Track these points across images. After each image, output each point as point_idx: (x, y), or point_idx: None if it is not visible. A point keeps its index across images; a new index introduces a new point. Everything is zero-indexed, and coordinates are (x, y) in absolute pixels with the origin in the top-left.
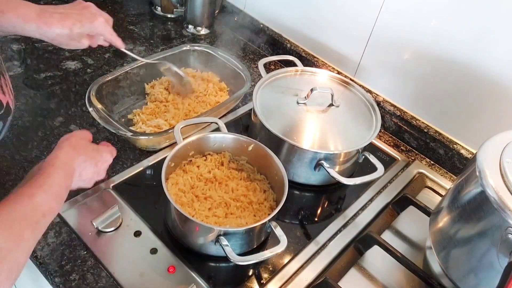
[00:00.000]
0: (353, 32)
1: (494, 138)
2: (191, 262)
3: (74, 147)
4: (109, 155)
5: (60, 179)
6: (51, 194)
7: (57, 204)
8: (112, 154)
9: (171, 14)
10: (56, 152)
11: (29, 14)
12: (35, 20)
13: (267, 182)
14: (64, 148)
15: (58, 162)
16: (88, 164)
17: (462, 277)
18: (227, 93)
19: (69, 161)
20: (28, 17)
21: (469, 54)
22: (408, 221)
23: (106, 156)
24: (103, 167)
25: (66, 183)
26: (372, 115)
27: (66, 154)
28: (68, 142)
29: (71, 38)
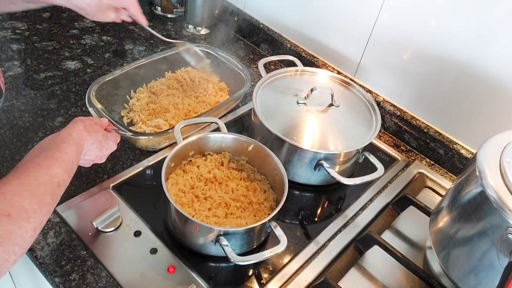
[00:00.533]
0: (353, 32)
1: (494, 138)
2: (191, 262)
3: (87, 128)
4: (114, 143)
5: (72, 156)
6: (65, 168)
7: (69, 177)
8: (117, 141)
9: (171, 14)
10: (69, 129)
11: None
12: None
13: (267, 182)
14: (77, 127)
15: (72, 139)
16: (94, 147)
17: (462, 277)
18: (227, 93)
19: (80, 140)
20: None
21: (469, 54)
22: (408, 221)
23: (112, 144)
24: (106, 153)
25: (77, 159)
26: (372, 115)
27: (78, 133)
28: (83, 123)
29: (99, 8)
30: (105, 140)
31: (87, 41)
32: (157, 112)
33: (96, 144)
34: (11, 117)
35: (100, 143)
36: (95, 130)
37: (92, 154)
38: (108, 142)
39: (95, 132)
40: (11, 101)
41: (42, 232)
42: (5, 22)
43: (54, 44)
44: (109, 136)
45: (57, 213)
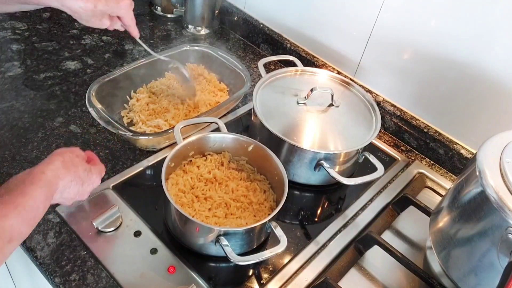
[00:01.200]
0: (353, 32)
1: (494, 138)
2: (191, 262)
3: (65, 164)
4: (98, 178)
5: (39, 201)
6: (25, 217)
7: (28, 229)
8: (101, 174)
9: (171, 14)
10: (44, 166)
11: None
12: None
13: (267, 183)
14: (53, 163)
15: (43, 180)
16: (73, 184)
17: (462, 277)
18: (227, 93)
19: (55, 179)
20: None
21: (469, 54)
22: (408, 221)
23: (95, 179)
24: (88, 188)
25: (45, 204)
26: (372, 115)
27: (54, 171)
28: (61, 158)
29: (94, 14)
30: (87, 175)
31: (87, 42)
32: (157, 112)
33: (76, 181)
34: (11, 117)
35: (81, 179)
36: (75, 164)
37: (72, 192)
38: (91, 177)
39: (75, 167)
40: (11, 102)
41: (42, 233)
42: (5, 22)
43: (54, 44)
44: (92, 170)
45: (57, 213)
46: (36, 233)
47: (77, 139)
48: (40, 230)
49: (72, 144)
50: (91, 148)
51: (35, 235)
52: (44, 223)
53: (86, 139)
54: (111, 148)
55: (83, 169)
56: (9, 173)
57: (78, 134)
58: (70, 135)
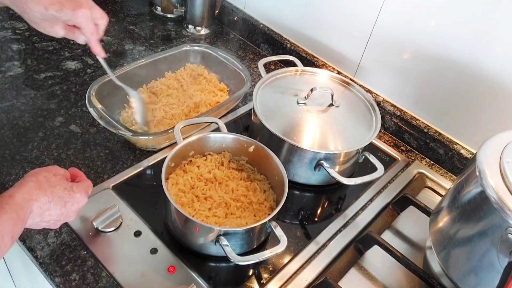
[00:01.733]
0: (353, 32)
1: (494, 138)
2: (191, 262)
3: (40, 184)
4: (83, 196)
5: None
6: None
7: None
8: (87, 192)
9: (171, 14)
10: (14, 189)
11: None
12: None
13: (267, 182)
14: (26, 185)
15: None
16: (53, 205)
17: (462, 277)
18: (227, 93)
19: (26, 202)
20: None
21: (469, 54)
22: (408, 221)
23: (79, 197)
24: (73, 208)
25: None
26: (372, 115)
27: (25, 193)
28: (35, 178)
29: (45, 18)
30: (69, 193)
31: None
32: None
33: (55, 201)
34: (11, 117)
35: (61, 198)
36: (52, 184)
37: (53, 214)
38: (74, 196)
39: (51, 187)
40: (11, 101)
41: (43, 233)
42: (5, 22)
43: (54, 44)
44: (74, 188)
45: None
46: (36, 233)
47: (77, 139)
48: (40, 230)
49: (72, 144)
50: (91, 148)
51: (35, 235)
52: None
53: (86, 139)
54: (111, 148)
55: (63, 188)
56: (9, 173)
57: (78, 134)
58: (70, 135)
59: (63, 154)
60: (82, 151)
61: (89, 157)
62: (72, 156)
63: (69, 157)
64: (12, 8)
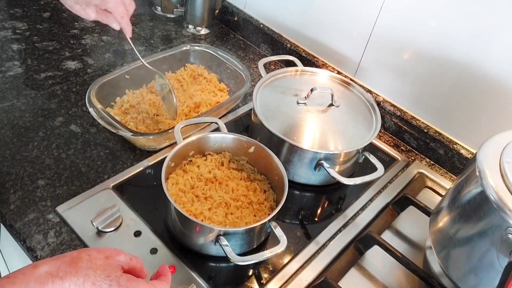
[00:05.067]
0: (353, 32)
1: (494, 138)
2: (191, 262)
3: (76, 262)
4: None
5: None
6: None
7: None
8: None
9: (171, 14)
10: (48, 259)
11: None
12: None
13: (267, 182)
14: (61, 258)
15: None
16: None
17: (462, 277)
18: (227, 93)
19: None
20: None
21: (469, 54)
22: (408, 221)
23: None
24: None
25: None
26: (372, 115)
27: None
28: (77, 254)
29: (77, 1)
30: (110, 285)
31: (87, 41)
32: None
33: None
34: (11, 117)
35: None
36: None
37: None
38: None
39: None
40: (11, 101)
41: (43, 232)
42: (5, 22)
43: (54, 44)
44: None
45: (57, 213)
46: (37, 233)
47: (77, 139)
48: (41, 230)
49: (72, 143)
50: (91, 148)
51: (36, 235)
52: (44, 222)
53: (86, 139)
54: (111, 148)
55: (105, 276)
56: (9, 173)
57: (78, 134)
58: (71, 135)
59: (63, 154)
60: (82, 151)
61: (89, 157)
62: (72, 156)
63: (69, 157)
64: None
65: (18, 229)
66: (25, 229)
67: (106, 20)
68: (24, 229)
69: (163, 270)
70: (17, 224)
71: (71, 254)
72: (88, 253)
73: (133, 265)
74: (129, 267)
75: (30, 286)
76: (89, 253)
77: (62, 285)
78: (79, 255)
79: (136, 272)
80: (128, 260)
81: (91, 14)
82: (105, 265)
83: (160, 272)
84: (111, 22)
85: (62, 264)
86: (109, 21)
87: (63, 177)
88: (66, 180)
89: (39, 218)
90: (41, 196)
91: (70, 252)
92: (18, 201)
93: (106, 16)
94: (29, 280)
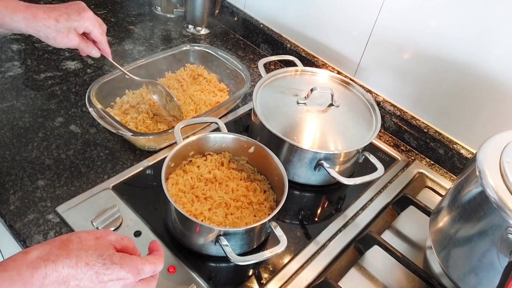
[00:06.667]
0: (353, 32)
1: (494, 138)
2: (191, 262)
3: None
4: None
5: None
6: None
7: None
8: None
9: (171, 14)
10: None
11: (17, 6)
12: (23, 11)
13: (267, 182)
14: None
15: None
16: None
17: (463, 276)
18: (227, 93)
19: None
20: (17, 8)
21: (469, 54)
22: (408, 221)
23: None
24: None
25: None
26: (372, 115)
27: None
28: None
29: (58, 30)
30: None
31: None
32: None
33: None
34: (11, 117)
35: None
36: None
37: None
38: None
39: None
40: (11, 102)
41: (43, 233)
42: None
43: None
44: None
45: (57, 213)
46: (36, 233)
47: (77, 139)
48: (41, 230)
49: (71, 144)
50: (91, 148)
51: (36, 235)
52: (44, 223)
53: (86, 139)
54: (111, 148)
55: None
56: (9, 173)
57: (78, 134)
58: (70, 135)
59: (63, 155)
60: (82, 151)
61: (89, 157)
62: (72, 157)
63: (69, 158)
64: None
65: (18, 230)
66: (25, 229)
67: (86, 49)
68: (24, 229)
69: (155, 245)
70: (17, 224)
71: (60, 238)
72: (78, 236)
73: (125, 244)
74: (121, 246)
75: (23, 271)
76: (79, 235)
77: (55, 268)
78: (69, 237)
79: (128, 250)
80: (119, 239)
81: (74, 38)
82: (97, 245)
83: (152, 247)
84: (91, 50)
85: (52, 248)
86: (89, 50)
87: (63, 178)
88: (66, 181)
89: (39, 219)
90: (41, 196)
91: (60, 236)
92: (18, 201)
93: (86, 42)
94: (21, 266)
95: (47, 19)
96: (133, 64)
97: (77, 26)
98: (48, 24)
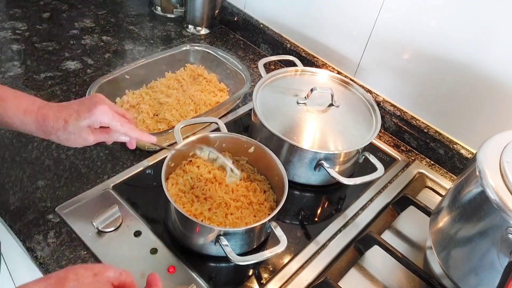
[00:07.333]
0: (353, 32)
1: (494, 138)
2: (191, 262)
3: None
4: None
5: None
6: None
7: None
8: None
9: (171, 14)
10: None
11: (30, 107)
12: (35, 113)
13: (267, 183)
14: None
15: None
16: None
17: (463, 277)
18: (227, 93)
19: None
20: (29, 109)
21: (469, 54)
22: (408, 221)
23: None
24: None
25: None
26: (372, 115)
27: None
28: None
29: (69, 132)
30: None
31: (87, 42)
32: None
33: None
34: None
35: None
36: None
37: None
38: None
39: None
40: None
41: (43, 233)
42: (5, 23)
43: (54, 44)
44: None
45: (57, 213)
46: (36, 233)
47: None
48: (40, 230)
49: None
50: (91, 148)
51: (35, 235)
52: (44, 223)
53: None
54: (111, 148)
55: None
56: (9, 174)
57: None
58: None
59: (63, 155)
60: (82, 151)
61: (89, 157)
62: (72, 157)
63: (69, 158)
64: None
65: (18, 230)
66: (25, 229)
67: (110, 139)
68: (24, 229)
69: (153, 280)
70: (17, 224)
71: (57, 275)
72: (75, 272)
73: (123, 279)
74: (119, 283)
75: None
76: (76, 272)
77: None
78: (65, 275)
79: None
80: (118, 275)
81: (88, 137)
82: (94, 283)
83: (150, 282)
84: (116, 138)
85: (47, 287)
86: (114, 139)
87: (63, 178)
88: (66, 181)
89: (39, 219)
90: (40, 197)
91: (56, 273)
92: (18, 202)
93: (107, 134)
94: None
95: (56, 121)
96: (133, 64)
97: (89, 123)
98: (58, 127)
